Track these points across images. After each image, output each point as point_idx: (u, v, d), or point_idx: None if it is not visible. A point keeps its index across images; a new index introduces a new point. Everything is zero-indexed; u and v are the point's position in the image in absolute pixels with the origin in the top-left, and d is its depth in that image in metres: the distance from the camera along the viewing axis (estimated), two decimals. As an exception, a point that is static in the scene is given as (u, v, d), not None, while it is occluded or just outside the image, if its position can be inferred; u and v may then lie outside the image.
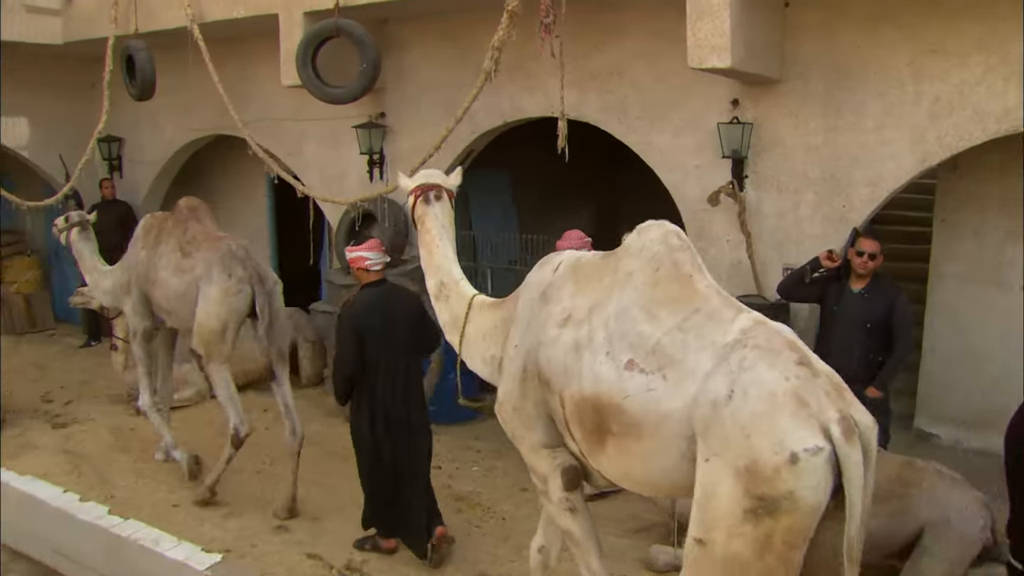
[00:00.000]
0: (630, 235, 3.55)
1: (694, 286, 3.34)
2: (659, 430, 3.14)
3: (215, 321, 5.97)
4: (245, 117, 9.25)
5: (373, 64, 6.92)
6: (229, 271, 5.98)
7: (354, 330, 5.10)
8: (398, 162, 8.27)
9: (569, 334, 3.48)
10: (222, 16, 8.04)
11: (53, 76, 10.53)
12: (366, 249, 5.29)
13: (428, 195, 4.40)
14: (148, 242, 6.53)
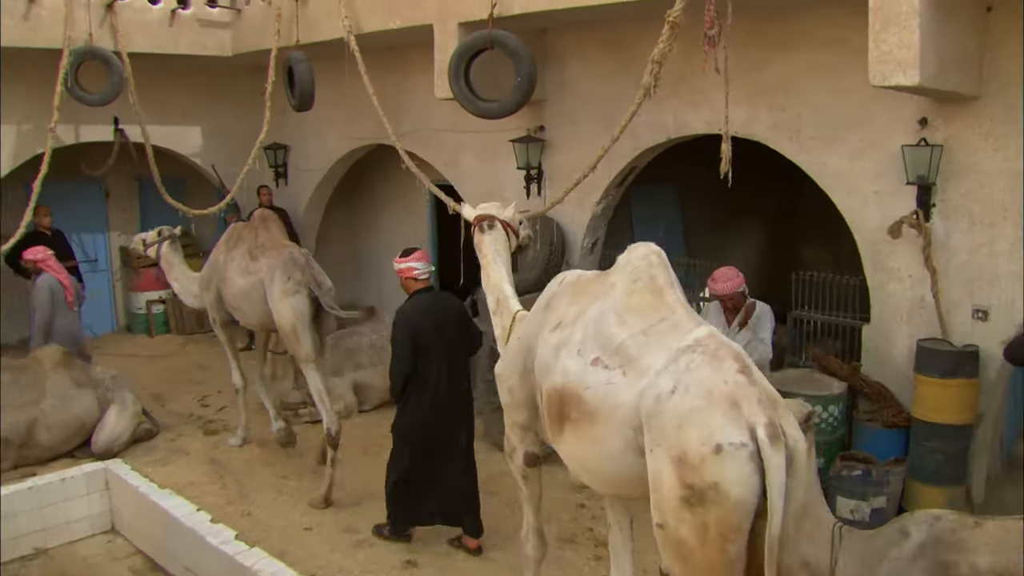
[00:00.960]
0: (623, 254, 4.15)
1: (664, 298, 3.87)
2: (611, 417, 3.65)
3: (284, 321, 6.86)
4: (403, 127, 9.67)
5: (528, 78, 6.96)
6: (288, 275, 6.85)
7: (409, 333, 5.73)
8: (556, 178, 8.32)
9: (555, 337, 4.09)
10: (378, 27, 8.35)
11: (224, 85, 11.35)
12: (414, 260, 5.91)
13: (483, 225, 5.23)
14: (228, 247, 7.58)
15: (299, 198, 11.86)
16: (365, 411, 9.02)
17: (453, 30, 7.58)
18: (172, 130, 11.40)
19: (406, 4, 8.00)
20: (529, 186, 8.43)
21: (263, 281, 7.00)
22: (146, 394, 9.63)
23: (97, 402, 8.07)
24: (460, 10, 7.48)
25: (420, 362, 5.76)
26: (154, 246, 8.39)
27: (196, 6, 10.24)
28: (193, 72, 11.03)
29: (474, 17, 7.35)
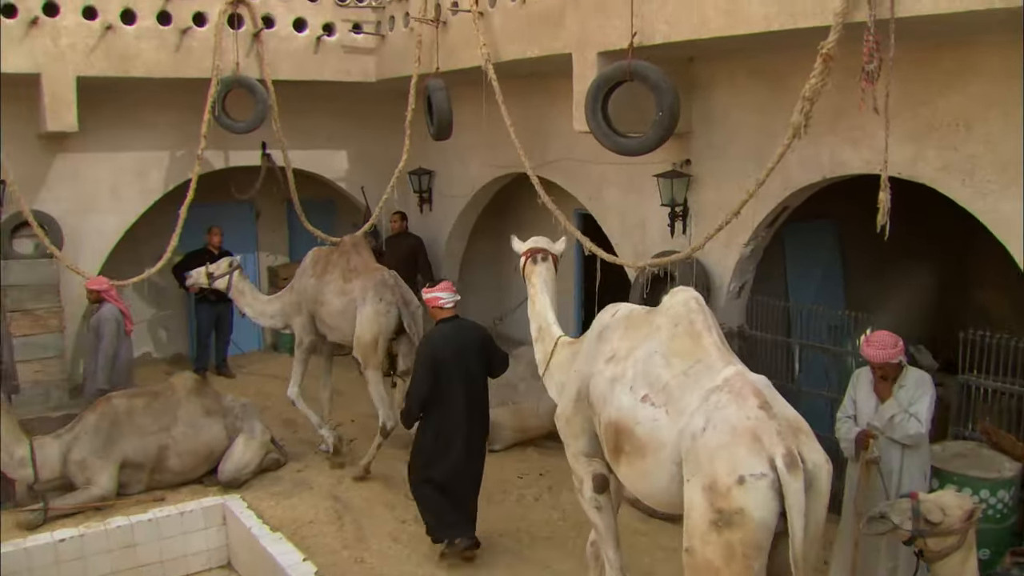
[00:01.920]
0: (666, 296, 4.88)
1: (702, 342, 4.56)
2: (657, 454, 4.37)
3: (369, 335, 8.22)
4: (546, 156, 9.68)
5: (670, 112, 6.77)
6: (380, 295, 8.22)
7: (432, 359, 6.41)
8: (703, 215, 8.09)
9: (610, 370, 4.83)
10: (517, 56, 8.37)
11: (369, 110, 11.71)
12: (440, 290, 6.67)
13: (536, 256, 6.04)
14: (316, 271, 8.78)
15: (443, 224, 12.05)
16: (495, 451, 8.99)
17: (592, 60, 7.49)
18: (318, 154, 11.86)
19: (545, 32, 7.99)
20: (673, 224, 8.21)
21: (355, 301, 8.32)
22: (280, 419, 10.04)
23: (226, 430, 8.43)
24: (599, 39, 7.39)
25: (440, 386, 6.42)
26: (224, 278, 9.20)
27: (341, 33, 10.62)
28: (339, 97, 11.45)
29: (614, 46, 7.24)
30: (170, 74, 9.73)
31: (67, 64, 9.28)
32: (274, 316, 9.24)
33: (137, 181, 10.79)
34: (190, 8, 9.78)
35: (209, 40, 9.83)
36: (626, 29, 7.00)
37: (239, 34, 10.01)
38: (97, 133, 10.37)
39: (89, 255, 10.55)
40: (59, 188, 10.38)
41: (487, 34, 8.56)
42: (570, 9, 7.66)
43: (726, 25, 6.33)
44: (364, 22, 10.74)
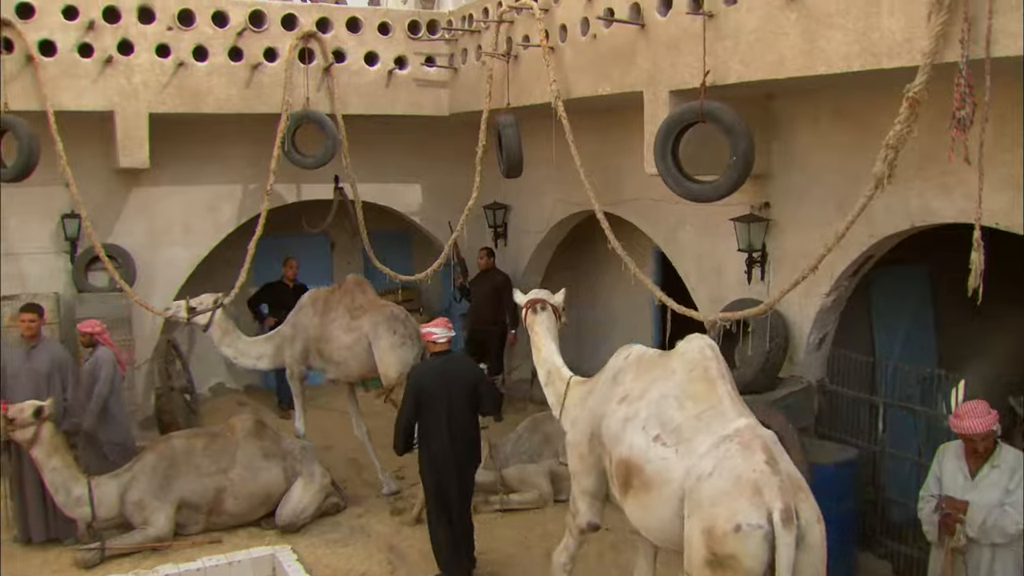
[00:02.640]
0: (681, 342, 5.17)
1: (716, 388, 4.82)
2: (664, 489, 4.66)
3: (392, 370, 8.45)
4: (622, 194, 9.39)
5: (744, 158, 6.38)
6: (393, 329, 8.56)
7: (414, 390, 6.80)
8: (783, 262, 7.68)
9: (623, 410, 5.11)
10: (588, 92, 8.11)
11: (443, 142, 11.58)
12: (433, 326, 7.01)
13: (536, 307, 6.49)
14: (317, 310, 8.97)
15: (518, 260, 11.83)
16: (562, 501, 8.64)
17: (664, 98, 7.17)
18: (392, 188, 11.79)
19: (616, 68, 7.70)
20: (751, 270, 7.81)
21: (367, 336, 8.58)
22: (344, 459, 9.91)
23: (284, 474, 8.31)
24: (671, 76, 7.07)
25: (425, 417, 6.78)
26: (205, 314, 9.06)
27: (413, 66, 10.52)
28: (413, 130, 11.36)
29: (686, 85, 6.91)
30: (240, 110, 9.78)
31: (140, 101, 9.40)
32: (260, 357, 9.29)
33: (209, 215, 10.87)
34: (261, 44, 9.83)
35: (279, 75, 9.84)
36: (699, 67, 6.67)
37: (309, 69, 10.00)
38: (170, 167, 10.50)
39: (161, 288, 10.66)
40: (133, 222, 10.52)
41: (558, 69, 8.31)
42: (641, 45, 7.35)
43: (804, 65, 5.94)
44: (437, 55, 10.63)
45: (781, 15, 6.04)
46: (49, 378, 8.06)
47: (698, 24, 6.65)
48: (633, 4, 7.38)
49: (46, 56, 9.11)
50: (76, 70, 9.19)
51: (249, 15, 9.75)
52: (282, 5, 10.08)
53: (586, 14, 8.01)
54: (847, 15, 5.59)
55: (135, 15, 9.34)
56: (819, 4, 5.77)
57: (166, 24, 9.44)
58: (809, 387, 7.51)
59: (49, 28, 9.08)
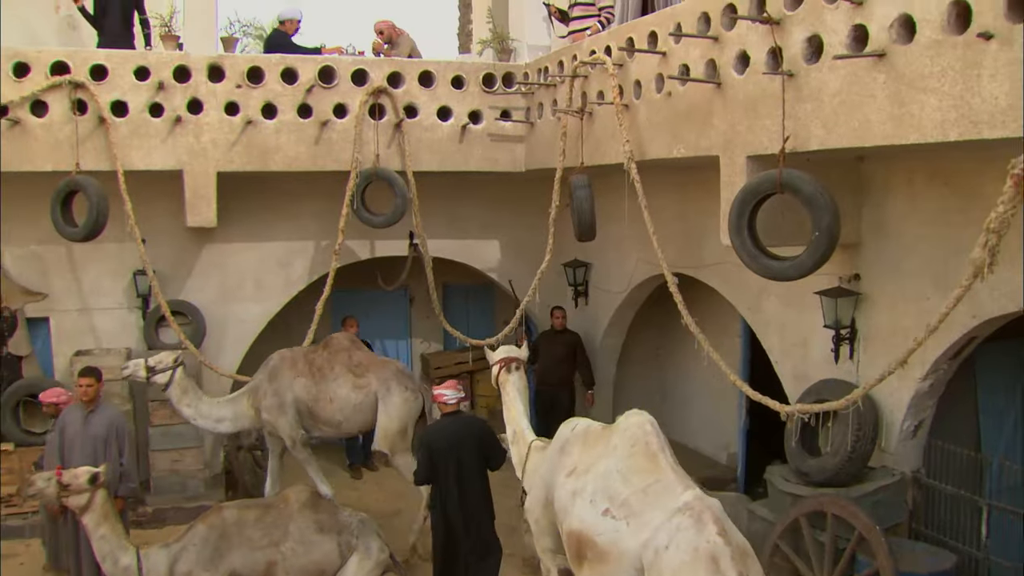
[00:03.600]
0: (621, 417, 5.49)
1: (658, 462, 5.09)
2: (619, 561, 4.90)
3: (398, 424, 8.58)
4: (702, 257, 8.89)
5: (828, 234, 5.75)
6: (405, 384, 8.70)
7: (428, 448, 7.01)
8: (874, 340, 7.02)
9: (571, 483, 5.36)
10: (662, 154, 7.61)
11: (521, 197, 11.15)
12: (444, 388, 7.14)
13: (510, 366, 6.88)
14: (301, 371, 8.75)
15: (599, 319, 11.33)
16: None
17: (741, 164, 6.61)
18: (469, 244, 11.48)
19: (691, 129, 7.17)
20: (838, 348, 7.15)
21: (376, 392, 8.60)
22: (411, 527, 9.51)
23: (339, 548, 7.90)
24: (749, 140, 6.50)
25: (436, 472, 6.98)
26: (165, 372, 8.59)
27: (488, 120, 10.17)
28: (490, 184, 11.02)
29: (764, 150, 6.34)
30: (309, 167, 9.61)
31: (208, 160, 9.32)
32: (221, 420, 8.90)
33: (281, 271, 10.73)
34: (331, 100, 9.64)
35: (349, 132, 9.63)
36: (778, 131, 6.10)
37: (380, 124, 9.77)
38: (242, 223, 10.43)
39: (232, 344, 10.56)
40: (204, 278, 10.46)
41: (631, 128, 7.85)
42: (718, 106, 6.82)
43: (893, 132, 5.32)
44: (513, 108, 10.26)
45: (867, 76, 5.45)
46: (106, 443, 7.93)
47: (777, 84, 6.09)
48: (709, 61, 6.88)
49: (118, 116, 9.14)
50: (146, 130, 9.18)
51: (319, 71, 9.59)
52: (352, 60, 9.93)
53: (661, 70, 7.53)
54: (942, 78, 4.97)
55: (205, 74, 9.30)
56: (910, 64, 5.16)
57: (235, 82, 9.35)
58: (902, 480, 6.79)
59: (121, 89, 9.12)
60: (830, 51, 5.69)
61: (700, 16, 6.98)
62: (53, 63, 8.97)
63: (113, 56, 9.14)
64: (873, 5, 5.37)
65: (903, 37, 5.20)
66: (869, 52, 5.37)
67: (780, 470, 7.51)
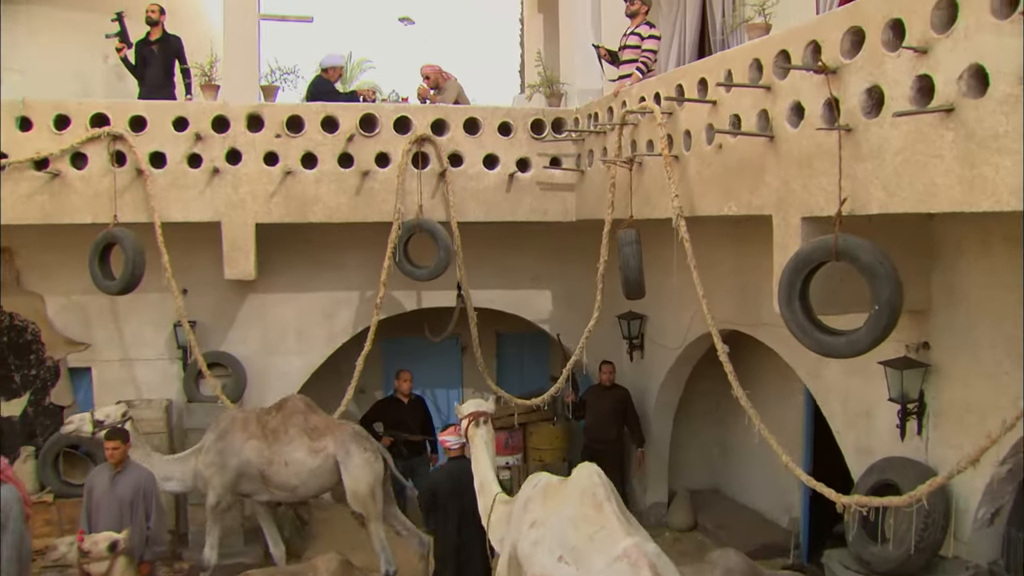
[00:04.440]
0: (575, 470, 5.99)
1: (603, 511, 5.52)
2: None
3: (365, 487, 8.33)
4: (760, 315, 8.37)
5: (890, 308, 5.12)
6: (363, 446, 8.45)
7: (431, 492, 7.57)
8: (945, 416, 6.37)
9: (533, 534, 5.77)
10: (712, 211, 7.06)
11: (573, 245, 10.65)
12: (448, 434, 7.52)
13: (478, 420, 6.98)
14: (253, 433, 8.46)
15: (654, 373, 10.75)
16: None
17: (795, 226, 6.03)
18: (521, 294, 11.06)
19: (743, 185, 6.62)
20: (905, 423, 6.49)
21: (334, 455, 8.36)
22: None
23: (368, 620, 7.56)
24: (804, 200, 5.92)
25: (438, 515, 7.49)
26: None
27: (536, 168, 9.72)
28: (541, 233, 10.56)
29: (820, 212, 5.75)
30: (349, 219, 9.29)
31: (246, 212, 9.07)
32: (170, 479, 8.48)
33: (324, 322, 10.43)
34: (372, 149, 9.31)
35: (391, 182, 9.28)
36: (834, 191, 5.53)
37: (423, 174, 9.39)
38: (284, 274, 10.18)
39: (274, 397, 10.18)
40: (246, 329, 10.23)
41: (681, 181, 7.32)
42: (771, 161, 6.26)
43: (963, 198, 4.70)
44: (563, 155, 9.78)
45: (934, 133, 4.84)
46: (132, 505, 7.64)
47: (833, 140, 5.51)
48: (761, 111, 6.33)
49: (156, 168, 8.96)
50: (184, 181, 8.98)
51: (360, 119, 9.27)
52: (395, 108, 9.60)
53: (711, 120, 7.00)
54: (1020, 137, 4.37)
55: (244, 123, 9.06)
56: (982, 121, 4.54)
57: (274, 131, 9.09)
58: (977, 573, 6.08)
59: (160, 140, 8.95)
60: (891, 104, 5.10)
61: (751, 63, 6.46)
62: (93, 115, 8.84)
63: (152, 107, 8.99)
64: (939, 54, 4.77)
65: (974, 90, 4.59)
66: (935, 107, 4.77)
67: (840, 555, 6.85)
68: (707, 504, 11.34)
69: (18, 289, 9.84)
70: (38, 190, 8.78)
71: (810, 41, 5.79)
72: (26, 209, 8.81)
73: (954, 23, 4.67)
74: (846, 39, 5.48)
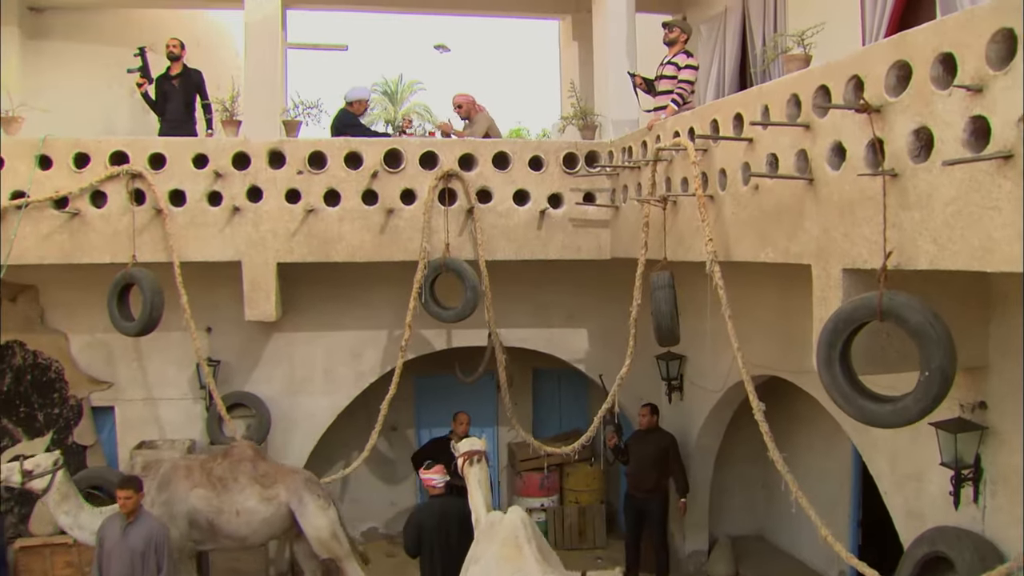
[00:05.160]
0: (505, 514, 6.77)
1: (523, 552, 6.22)
2: None
3: (326, 532, 8.25)
4: (803, 362, 7.69)
5: (942, 374, 4.57)
6: (316, 492, 8.32)
7: (415, 527, 7.79)
8: (1003, 483, 5.77)
9: (473, 570, 6.51)
10: (748, 257, 6.55)
11: (611, 281, 10.08)
12: (432, 473, 7.90)
13: (472, 459, 7.50)
14: (198, 481, 8.13)
15: (694, 416, 10.21)
16: None
17: (836, 277, 5.50)
18: (554, 332, 10.57)
19: (781, 230, 6.11)
20: (959, 489, 5.89)
21: (287, 503, 8.20)
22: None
23: None
24: (846, 249, 5.39)
25: (423, 550, 7.76)
26: (45, 476, 7.72)
27: (569, 204, 9.27)
28: (574, 269, 10.07)
29: (864, 263, 5.23)
30: (373, 258, 8.92)
31: (267, 250, 8.77)
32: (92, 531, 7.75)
33: (351, 362, 10.06)
34: (397, 185, 8.94)
35: (417, 219, 8.90)
36: (878, 241, 5.00)
37: (451, 211, 9.00)
38: (310, 311, 9.88)
39: (300, 439, 9.96)
40: (271, 368, 9.92)
41: (717, 224, 6.84)
42: (810, 206, 5.74)
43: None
44: (597, 190, 9.31)
45: (990, 182, 4.29)
46: (144, 556, 7.36)
47: (877, 185, 4.99)
48: (799, 151, 5.81)
49: (176, 206, 8.71)
50: (203, 219, 8.70)
51: (384, 155, 8.91)
52: (420, 142, 9.22)
53: (747, 159, 6.50)
54: (1087, 188, 3.84)
55: (265, 160, 8.76)
56: (1047, 170, 4.04)
57: (296, 168, 8.77)
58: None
59: (179, 177, 8.69)
60: (942, 148, 4.57)
61: (789, 98, 5.96)
62: (112, 152, 8.61)
63: (171, 144, 8.73)
64: (996, 93, 4.23)
65: (1036, 135, 4.08)
66: (992, 153, 4.24)
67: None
68: (750, 552, 10.75)
69: (42, 327, 9.65)
70: (58, 229, 8.56)
71: (851, 76, 5.29)
72: (46, 249, 8.60)
73: (1013, 58, 4.13)
74: (891, 74, 4.96)
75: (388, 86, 47.94)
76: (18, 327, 9.56)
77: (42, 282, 9.56)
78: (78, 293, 9.45)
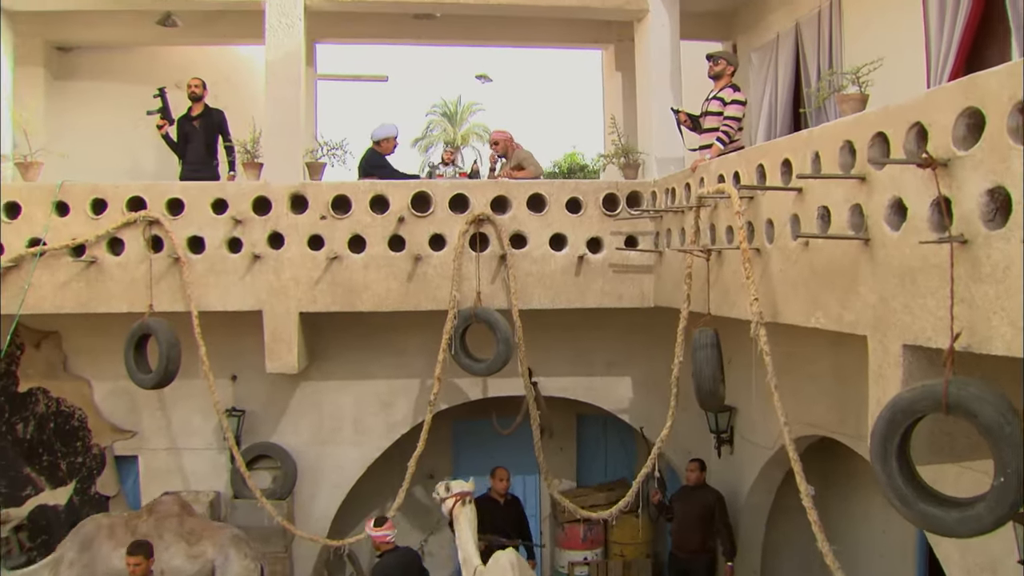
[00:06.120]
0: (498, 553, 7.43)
1: None
2: None
3: None
4: (860, 426, 7.04)
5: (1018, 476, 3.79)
6: (244, 551, 7.93)
7: None
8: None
9: None
10: (797, 321, 5.85)
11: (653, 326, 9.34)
12: (386, 529, 7.63)
13: (464, 499, 7.85)
14: (121, 540, 7.60)
15: (744, 472, 9.46)
16: None
17: (895, 354, 4.78)
18: (595, 381, 9.92)
19: (832, 295, 5.40)
20: None
21: (212, 562, 7.85)
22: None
23: None
24: (906, 323, 4.66)
25: None
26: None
27: (609, 249, 8.63)
28: (616, 314, 9.36)
29: (928, 341, 4.50)
30: (400, 307, 8.39)
31: (289, 299, 8.30)
32: None
33: (382, 411, 9.53)
34: (426, 230, 8.40)
35: (447, 266, 8.34)
36: (944, 316, 4.28)
37: (482, 257, 8.42)
38: (338, 359, 9.39)
39: (328, 491, 9.46)
40: (297, 418, 9.44)
41: (763, 280, 6.16)
42: (865, 268, 5.03)
43: (1120, 347, 3.46)
44: (640, 234, 8.66)
45: (1080, 254, 3.61)
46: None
47: (944, 252, 4.27)
48: (854, 206, 5.11)
49: (194, 253, 8.30)
50: (223, 267, 8.26)
51: (412, 198, 8.39)
52: (450, 184, 8.68)
53: (795, 209, 5.81)
54: None
55: (286, 204, 8.30)
56: None
57: (319, 212, 8.29)
58: None
59: (198, 224, 8.28)
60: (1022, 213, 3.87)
61: (843, 145, 5.27)
62: (129, 198, 8.24)
63: (189, 188, 8.33)
64: (1087, 149, 3.56)
65: None
66: (1081, 223, 3.55)
67: None
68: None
69: (65, 374, 9.31)
70: (75, 277, 8.20)
71: (913, 124, 4.57)
72: (63, 297, 8.26)
73: (1108, 109, 3.45)
74: (960, 123, 4.24)
75: (447, 107, 47.93)
76: (41, 374, 9.25)
77: (64, 328, 9.23)
78: (101, 339, 9.09)
